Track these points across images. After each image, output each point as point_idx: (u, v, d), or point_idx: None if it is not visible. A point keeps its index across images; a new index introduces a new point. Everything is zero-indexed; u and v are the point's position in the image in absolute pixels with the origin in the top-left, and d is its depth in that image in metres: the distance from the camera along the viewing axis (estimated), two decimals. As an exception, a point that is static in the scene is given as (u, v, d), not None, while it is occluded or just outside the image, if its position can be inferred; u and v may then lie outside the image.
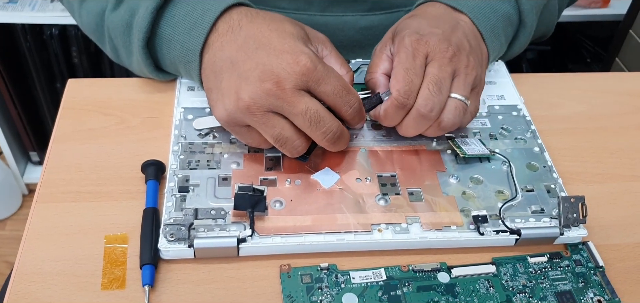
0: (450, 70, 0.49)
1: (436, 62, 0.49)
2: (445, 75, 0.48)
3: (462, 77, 0.49)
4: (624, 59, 1.24)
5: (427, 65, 0.49)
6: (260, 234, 0.45)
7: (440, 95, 0.48)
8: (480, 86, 0.52)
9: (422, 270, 0.45)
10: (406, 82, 0.48)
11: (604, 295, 0.45)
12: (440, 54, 0.49)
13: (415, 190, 0.49)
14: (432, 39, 0.49)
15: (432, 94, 0.48)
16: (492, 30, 0.55)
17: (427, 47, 0.49)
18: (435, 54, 0.49)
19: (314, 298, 0.43)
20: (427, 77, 0.48)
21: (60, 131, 0.54)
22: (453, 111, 0.49)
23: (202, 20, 0.50)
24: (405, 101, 0.48)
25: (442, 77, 0.48)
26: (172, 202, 0.46)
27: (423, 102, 0.48)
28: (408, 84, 0.48)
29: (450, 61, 0.49)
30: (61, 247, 0.45)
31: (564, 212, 0.47)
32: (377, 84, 0.51)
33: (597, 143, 0.58)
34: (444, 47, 0.49)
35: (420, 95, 0.48)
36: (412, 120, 0.49)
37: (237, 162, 0.50)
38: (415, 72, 0.48)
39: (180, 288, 0.43)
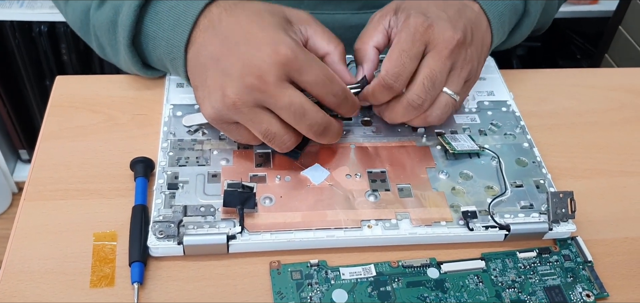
0: (449, 64, 0.48)
1: (436, 55, 0.48)
2: (443, 69, 0.48)
3: (457, 72, 0.49)
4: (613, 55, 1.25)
5: (427, 55, 0.48)
6: (250, 231, 0.45)
7: (433, 91, 0.48)
8: (472, 79, 0.52)
9: (411, 265, 0.45)
10: (398, 64, 0.47)
11: (593, 290, 0.45)
12: (442, 45, 0.48)
13: (405, 186, 0.49)
14: (437, 26, 0.48)
15: (425, 89, 0.48)
16: (500, 17, 0.54)
17: (431, 34, 0.48)
18: (437, 44, 0.48)
19: (304, 295, 0.43)
20: (424, 69, 0.48)
21: (48, 129, 0.54)
22: (442, 107, 0.49)
23: (185, 16, 0.49)
24: (392, 83, 0.47)
25: (439, 72, 0.48)
26: (161, 199, 0.46)
27: (415, 94, 0.48)
28: (399, 67, 0.47)
29: (450, 54, 0.48)
30: (50, 245, 0.45)
31: (552, 207, 0.47)
32: (365, 56, 0.51)
33: (586, 139, 0.58)
34: (448, 36, 0.48)
35: (414, 86, 0.48)
36: (402, 108, 0.49)
37: (226, 158, 0.50)
38: (410, 56, 0.47)
39: (170, 285, 0.43)
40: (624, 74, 0.69)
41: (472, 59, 0.50)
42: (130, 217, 0.46)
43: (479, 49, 0.52)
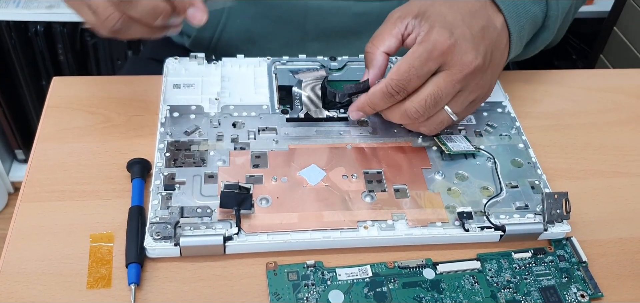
0: (458, 88, 0.47)
1: (448, 76, 0.47)
2: (450, 92, 0.47)
3: (465, 95, 0.49)
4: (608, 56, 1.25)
5: (440, 72, 0.47)
6: (247, 232, 0.45)
7: (433, 109, 0.48)
8: (479, 101, 0.51)
9: (407, 266, 0.46)
10: (405, 78, 0.46)
11: (587, 290, 0.45)
12: (458, 68, 0.46)
13: (401, 186, 0.50)
14: (458, 48, 0.46)
15: (426, 105, 0.47)
16: (520, 32, 0.52)
17: (450, 55, 0.46)
18: (453, 65, 0.46)
19: (301, 296, 0.43)
20: (431, 85, 0.47)
21: (44, 130, 0.54)
22: (437, 123, 0.50)
23: None
24: (394, 94, 0.47)
25: (445, 93, 0.47)
26: (158, 200, 0.46)
27: (415, 108, 0.48)
28: (405, 82, 0.46)
29: (463, 79, 0.47)
30: (46, 247, 0.45)
31: (547, 208, 0.47)
32: (372, 61, 0.50)
33: (581, 139, 0.59)
34: (466, 61, 0.46)
35: (415, 99, 0.47)
36: (399, 112, 0.49)
37: (223, 159, 0.50)
38: (418, 73, 0.46)
39: (167, 286, 0.43)
40: (619, 75, 0.69)
41: (484, 84, 0.49)
42: (126, 218, 0.46)
43: (495, 70, 0.51)
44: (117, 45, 1.30)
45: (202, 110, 0.54)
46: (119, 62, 1.33)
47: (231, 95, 0.56)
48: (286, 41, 0.70)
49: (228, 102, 0.55)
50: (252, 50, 0.71)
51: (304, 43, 0.69)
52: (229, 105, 0.55)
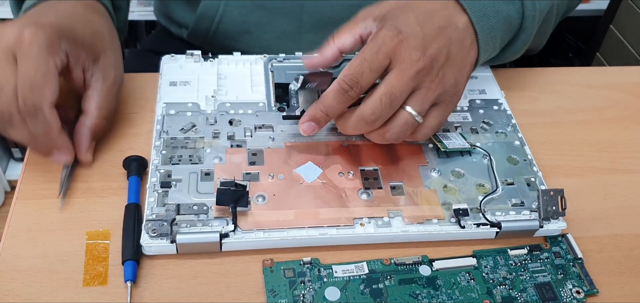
0: (411, 85, 0.46)
1: (399, 73, 0.46)
2: (404, 89, 0.46)
3: (422, 93, 0.47)
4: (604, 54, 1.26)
5: (390, 70, 0.46)
6: (243, 229, 0.45)
7: (390, 109, 0.46)
8: (447, 102, 0.49)
9: (403, 263, 0.46)
10: (357, 71, 0.46)
11: (583, 287, 0.45)
12: (407, 63, 0.46)
13: (397, 184, 0.50)
14: (406, 44, 0.46)
15: (381, 104, 0.46)
16: (490, 31, 0.51)
17: (397, 51, 0.46)
18: (402, 61, 0.46)
19: (297, 293, 0.43)
20: (383, 84, 0.46)
21: (41, 127, 0.54)
22: (401, 125, 0.47)
23: None
24: (347, 89, 0.46)
25: (398, 90, 0.46)
26: (154, 197, 0.46)
27: (370, 109, 0.46)
28: (357, 75, 0.46)
29: (415, 76, 0.46)
30: (42, 244, 0.45)
31: (543, 205, 0.47)
32: (323, 50, 0.50)
33: (576, 137, 0.59)
34: (414, 57, 0.46)
35: (369, 101, 0.46)
36: (353, 119, 0.47)
37: (219, 156, 0.50)
38: (371, 67, 0.46)
39: (163, 283, 0.43)
40: (615, 73, 0.69)
41: (444, 79, 0.48)
42: (123, 215, 0.46)
43: (459, 67, 0.49)
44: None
45: (198, 108, 0.54)
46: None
47: (227, 92, 0.56)
48: (282, 32, 0.70)
49: (224, 99, 0.55)
50: (248, 40, 0.71)
51: (299, 34, 0.69)
52: (225, 103, 0.55)
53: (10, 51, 0.44)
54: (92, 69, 0.50)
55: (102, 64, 0.51)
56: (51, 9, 0.50)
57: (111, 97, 0.51)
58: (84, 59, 0.49)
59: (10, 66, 0.44)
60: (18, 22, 0.46)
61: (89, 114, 0.50)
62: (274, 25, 0.70)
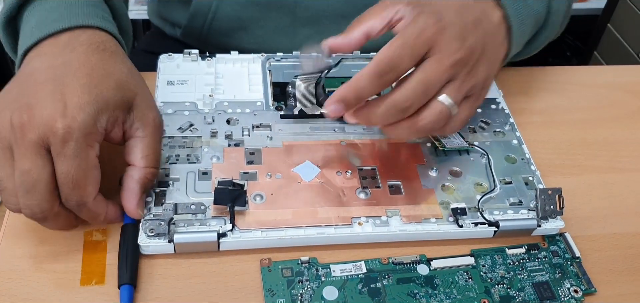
0: (447, 76, 0.45)
1: (437, 62, 0.44)
2: (440, 78, 0.44)
3: (457, 84, 0.45)
4: (602, 53, 1.26)
5: (427, 59, 0.44)
6: (241, 228, 0.45)
7: (423, 97, 0.45)
8: (477, 95, 0.49)
9: (401, 262, 0.46)
10: (396, 55, 0.43)
11: (580, 286, 0.45)
12: (446, 52, 0.44)
13: (396, 183, 0.50)
14: (447, 33, 0.44)
15: (415, 92, 0.44)
16: (520, 27, 0.51)
17: (438, 39, 0.44)
18: (441, 50, 0.44)
19: (295, 292, 0.43)
20: (420, 72, 0.44)
21: (38, 126, 0.54)
22: (436, 114, 0.45)
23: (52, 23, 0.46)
24: (384, 72, 0.44)
25: (435, 79, 0.44)
26: (152, 197, 0.46)
27: (403, 95, 0.44)
28: (397, 59, 0.43)
29: (452, 66, 0.44)
30: (39, 243, 0.45)
31: (541, 204, 0.47)
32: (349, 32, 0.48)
33: (574, 135, 0.59)
34: (454, 47, 0.44)
35: (404, 87, 0.44)
36: (384, 107, 0.45)
37: (217, 156, 0.50)
38: (411, 52, 0.44)
39: (161, 283, 0.43)
40: (613, 72, 0.69)
41: (478, 73, 0.47)
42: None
43: (490, 64, 0.49)
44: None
45: (195, 107, 0.54)
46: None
47: (225, 92, 0.56)
48: (276, 26, 0.70)
49: (222, 98, 0.55)
50: (242, 37, 0.70)
51: (294, 28, 0.69)
52: (223, 102, 0.55)
53: (42, 144, 0.40)
54: (129, 120, 0.45)
55: (137, 110, 0.45)
56: (69, 76, 0.42)
57: (155, 142, 0.46)
58: (120, 117, 0.44)
59: (43, 159, 0.40)
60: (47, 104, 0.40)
61: (136, 166, 0.45)
62: (268, 20, 0.69)
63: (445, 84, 0.45)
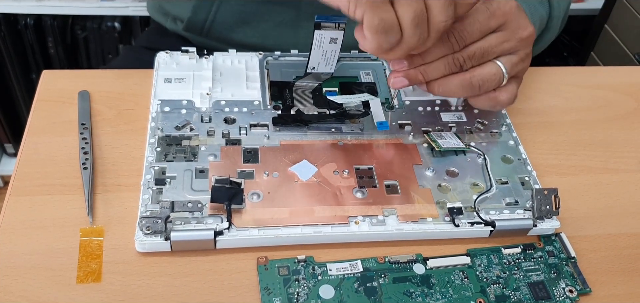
0: (509, 47, 0.49)
1: (504, 36, 0.48)
2: (500, 51, 0.48)
3: (515, 58, 0.49)
4: (599, 54, 1.26)
5: (498, 31, 0.48)
6: (238, 227, 0.45)
7: (480, 59, 0.48)
8: (519, 80, 0.52)
9: (398, 261, 0.46)
10: (468, 30, 0.47)
11: (576, 286, 0.46)
12: (513, 29, 0.48)
13: (392, 183, 0.50)
14: (517, 12, 0.48)
15: (475, 57, 0.48)
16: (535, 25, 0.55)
17: (510, 17, 0.48)
18: (510, 27, 0.48)
19: (291, 291, 0.43)
20: (483, 40, 0.48)
21: (34, 123, 0.54)
22: (490, 74, 0.49)
23: None
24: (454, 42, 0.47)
25: (495, 49, 0.48)
26: (149, 194, 0.46)
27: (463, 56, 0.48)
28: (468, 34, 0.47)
29: (517, 43, 0.49)
30: (36, 241, 0.45)
31: (537, 204, 0.48)
32: None
33: (571, 136, 0.59)
34: (523, 23, 0.48)
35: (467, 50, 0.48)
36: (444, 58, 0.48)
37: (214, 154, 0.50)
38: (481, 28, 0.47)
39: (157, 281, 0.43)
40: (609, 73, 0.69)
41: (528, 60, 0.51)
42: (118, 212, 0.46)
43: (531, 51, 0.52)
44: (108, 38, 1.29)
45: (193, 105, 0.54)
46: (110, 55, 1.32)
47: (223, 90, 0.56)
48: (280, 21, 0.69)
49: (219, 97, 0.55)
50: (245, 31, 0.70)
51: (298, 22, 0.69)
52: (220, 101, 0.55)
53: None
54: None
55: None
56: None
57: None
58: None
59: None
60: None
61: None
62: (272, 14, 0.69)
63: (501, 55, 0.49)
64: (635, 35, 1.14)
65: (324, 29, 0.52)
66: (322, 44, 0.53)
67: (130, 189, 0.48)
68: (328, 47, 0.54)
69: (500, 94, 0.51)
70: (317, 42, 0.53)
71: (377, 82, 0.59)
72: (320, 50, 0.54)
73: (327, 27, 0.52)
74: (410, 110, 0.57)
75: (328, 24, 0.52)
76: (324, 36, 0.53)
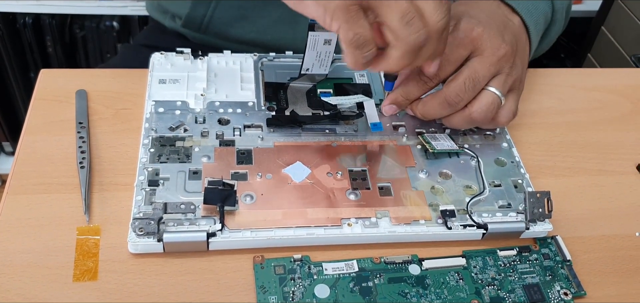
0: (493, 70, 0.50)
1: (483, 59, 0.49)
2: (487, 74, 0.49)
3: (503, 77, 0.50)
4: (596, 55, 1.26)
5: (472, 57, 0.50)
6: (230, 228, 0.45)
7: (472, 92, 0.49)
8: (519, 89, 0.53)
9: (393, 262, 0.46)
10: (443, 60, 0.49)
11: (570, 288, 0.46)
12: (490, 51, 0.49)
13: (386, 184, 0.50)
14: (486, 33, 0.49)
15: (465, 88, 0.49)
16: (536, 26, 0.56)
17: (479, 41, 0.49)
18: (485, 49, 0.49)
19: (287, 290, 0.43)
20: (467, 69, 0.49)
21: (32, 122, 0.54)
22: (487, 104, 0.50)
23: None
24: (427, 80, 0.50)
25: (482, 76, 0.49)
26: (142, 195, 0.46)
27: (454, 92, 0.49)
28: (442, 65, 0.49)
29: (497, 61, 0.49)
30: (32, 239, 0.45)
31: (530, 207, 0.48)
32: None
33: (566, 137, 0.59)
34: (496, 44, 0.49)
35: (454, 83, 0.49)
36: (437, 103, 0.50)
37: (207, 155, 0.50)
38: (449, 59, 0.49)
39: (153, 280, 0.43)
40: (605, 75, 0.69)
41: (517, 67, 0.52)
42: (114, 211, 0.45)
43: (524, 58, 0.54)
44: (106, 37, 1.29)
45: (187, 106, 0.54)
46: (108, 55, 1.32)
47: (217, 91, 0.56)
48: (278, 17, 0.69)
49: (214, 98, 0.55)
50: (244, 26, 0.70)
51: (296, 18, 0.68)
52: (214, 102, 0.55)
53: None
54: None
55: None
56: None
57: None
58: None
59: None
60: None
61: None
62: (270, 10, 0.69)
63: (492, 78, 0.50)
64: (632, 38, 1.14)
65: (318, 31, 0.52)
66: (316, 46, 0.53)
67: (127, 188, 0.48)
68: (322, 49, 0.54)
69: (500, 116, 0.52)
70: (311, 44, 0.53)
71: (371, 84, 0.59)
72: (314, 51, 0.54)
73: (321, 29, 0.52)
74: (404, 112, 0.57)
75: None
76: (318, 38, 0.53)
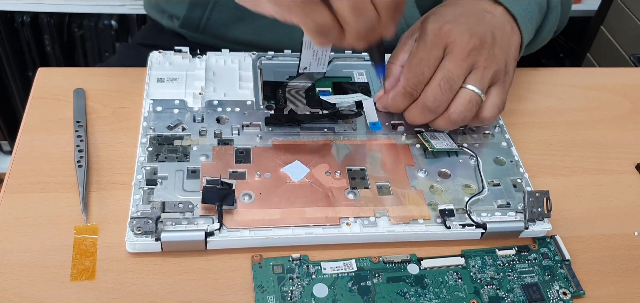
0: (466, 66, 0.49)
1: (453, 56, 0.49)
2: (460, 71, 0.49)
3: (479, 71, 0.50)
4: (595, 55, 1.26)
5: (444, 58, 0.49)
6: (229, 228, 0.45)
7: (449, 92, 0.49)
8: (502, 80, 0.52)
9: (392, 261, 0.46)
10: (416, 73, 0.49)
11: (569, 288, 0.46)
12: (459, 47, 0.49)
13: (384, 184, 0.50)
14: (454, 30, 0.49)
15: (441, 91, 0.49)
16: (526, 13, 0.55)
17: (448, 38, 0.49)
18: (454, 46, 0.49)
19: (285, 289, 0.43)
20: (440, 70, 0.49)
21: (30, 121, 0.54)
22: (465, 103, 0.50)
23: None
24: (412, 92, 0.50)
25: (456, 74, 0.49)
26: (140, 194, 0.46)
27: (431, 96, 0.49)
28: (417, 76, 0.49)
29: (468, 55, 0.49)
30: (30, 238, 0.45)
31: (528, 206, 0.48)
32: (390, 74, 0.53)
33: (565, 137, 0.59)
34: (464, 39, 0.49)
35: (429, 88, 0.49)
36: (418, 110, 0.50)
37: (206, 154, 0.50)
38: (428, 63, 0.49)
39: (152, 279, 0.43)
40: (604, 74, 0.69)
41: (497, 58, 0.51)
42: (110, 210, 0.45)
43: (506, 48, 0.52)
44: (105, 36, 1.29)
45: (185, 105, 0.54)
46: (106, 54, 1.32)
47: (215, 90, 0.56)
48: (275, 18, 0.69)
49: (212, 97, 0.55)
50: (241, 27, 0.70)
51: None
52: (213, 101, 0.54)
53: None
54: None
55: None
56: None
57: None
58: None
59: None
60: None
61: None
62: None
63: (467, 75, 0.50)
64: (631, 37, 1.14)
65: None
66: (312, 44, 0.53)
67: (125, 187, 0.48)
68: (318, 47, 0.54)
69: (483, 112, 0.51)
70: (307, 43, 0.53)
71: (370, 83, 0.59)
72: (310, 50, 0.54)
73: None
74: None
75: None
76: None
